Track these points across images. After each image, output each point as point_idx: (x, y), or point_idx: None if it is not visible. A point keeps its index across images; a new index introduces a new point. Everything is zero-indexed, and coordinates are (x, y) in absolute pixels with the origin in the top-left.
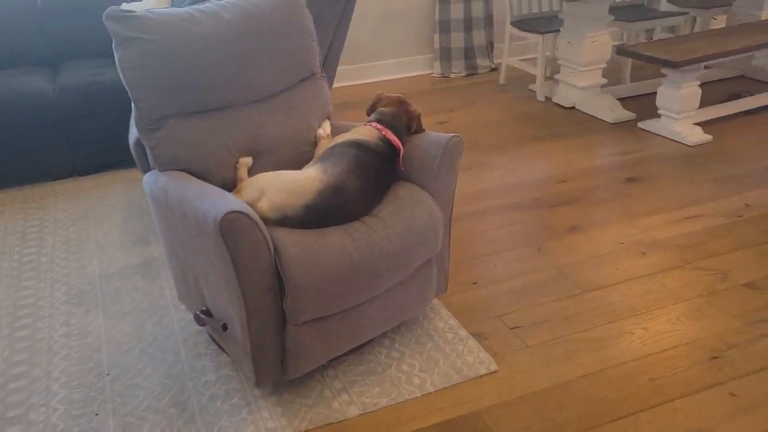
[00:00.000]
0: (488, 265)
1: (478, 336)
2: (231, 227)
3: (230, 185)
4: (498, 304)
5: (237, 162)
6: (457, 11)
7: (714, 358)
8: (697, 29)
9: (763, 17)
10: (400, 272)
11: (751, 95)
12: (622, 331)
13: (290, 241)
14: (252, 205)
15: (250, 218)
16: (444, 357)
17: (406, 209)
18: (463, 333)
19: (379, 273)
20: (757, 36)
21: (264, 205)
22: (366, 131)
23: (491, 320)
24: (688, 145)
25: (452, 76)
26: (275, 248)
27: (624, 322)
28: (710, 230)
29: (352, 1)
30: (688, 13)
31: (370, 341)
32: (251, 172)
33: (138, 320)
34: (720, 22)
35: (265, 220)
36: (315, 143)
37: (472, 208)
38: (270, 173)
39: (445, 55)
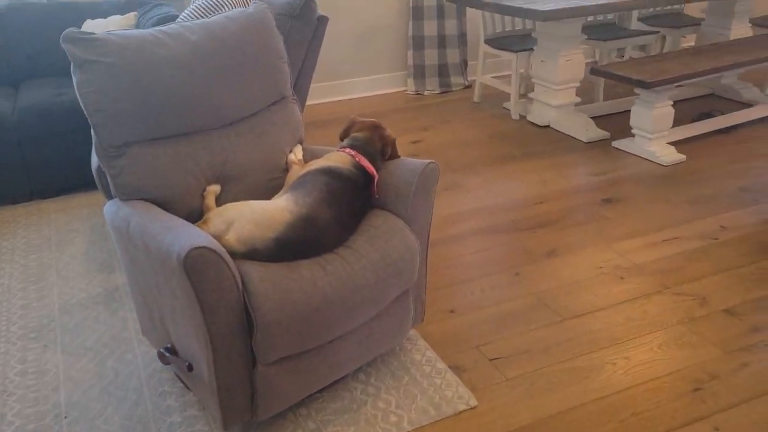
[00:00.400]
0: (466, 292)
1: (456, 369)
2: (196, 264)
3: (197, 214)
4: (476, 334)
5: (204, 190)
6: (430, 29)
7: (697, 389)
8: (667, 48)
9: (732, 37)
10: (376, 305)
11: (722, 114)
12: (604, 361)
13: (259, 276)
14: (219, 237)
15: (217, 254)
16: (421, 392)
17: (381, 239)
18: (441, 366)
19: (353, 307)
20: (727, 56)
21: (232, 237)
22: (339, 157)
23: (470, 351)
24: (662, 165)
25: (426, 93)
26: (243, 284)
27: (606, 351)
28: (688, 253)
29: (324, 21)
30: (658, 32)
31: (344, 376)
32: (219, 199)
33: (99, 356)
34: (689, 40)
35: (233, 253)
36: (286, 169)
37: (448, 232)
38: (239, 203)
39: (419, 72)
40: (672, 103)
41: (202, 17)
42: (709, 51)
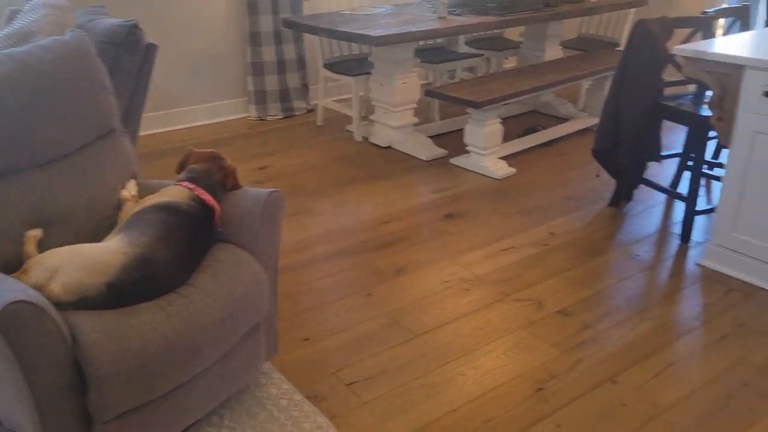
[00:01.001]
0: (319, 318)
1: (314, 398)
2: (13, 321)
3: (16, 264)
4: (332, 360)
5: (23, 236)
6: (269, 54)
7: (540, 389)
8: (492, 69)
9: (546, 58)
10: (225, 343)
11: (544, 129)
12: (455, 373)
13: (92, 326)
14: (41, 288)
15: (37, 307)
16: (280, 427)
17: (226, 274)
18: (298, 397)
19: (200, 349)
20: (544, 76)
21: (56, 287)
22: (176, 192)
23: (326, 378)
24: (496, 179)
25: (269, 118)
26: (73, 337)
27: (456, 363)
28: (523, 261)
29: (152, 49)
30: (483, 54)
31: (196, 420)
32: (43, 245)
33: None
34: (511, 62)
35: (59, 304)
36: (119, 207)
37: (298, 258)
38: (63, 248)
39: (260, 98)
40: (500, 120)
41: (12, 47)
42: (528, 72)
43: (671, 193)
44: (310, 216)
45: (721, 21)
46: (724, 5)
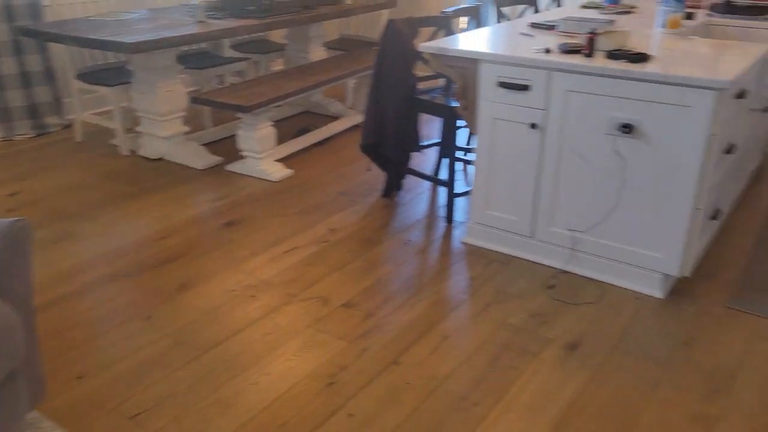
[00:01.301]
0: (94, 351)
1: None
2: None
3: None
4: (112, 394)
5: None
6: (8, 66)
7: (331, 383)
8: (261, 72)
9: (311, 59)
10: None
11: (317, 128)
12: (248, 382)
13: None
14: None
15: None
16: None
17: None
18: None
19: None
20: (310, 77)
21: None
22: None
23: (106, 415)
24: (274, 182)
25: (17, 138)
26: None
27: (248, 372)
28: (306, 260)
29: None
30: (249, 58)
31: None
32: None
33: None
34: (279, 64)
35: None
36: None
37: (66, 289)
38: None
39: (3, 116)
40: (272, 123)
41: None
42: (294, 73)
43: (434, 180)
44: (76, 241)
45: (465, 18)
46: (463, 5)
